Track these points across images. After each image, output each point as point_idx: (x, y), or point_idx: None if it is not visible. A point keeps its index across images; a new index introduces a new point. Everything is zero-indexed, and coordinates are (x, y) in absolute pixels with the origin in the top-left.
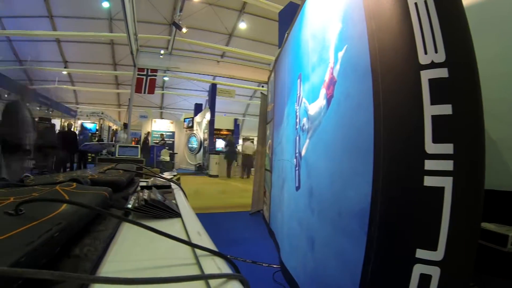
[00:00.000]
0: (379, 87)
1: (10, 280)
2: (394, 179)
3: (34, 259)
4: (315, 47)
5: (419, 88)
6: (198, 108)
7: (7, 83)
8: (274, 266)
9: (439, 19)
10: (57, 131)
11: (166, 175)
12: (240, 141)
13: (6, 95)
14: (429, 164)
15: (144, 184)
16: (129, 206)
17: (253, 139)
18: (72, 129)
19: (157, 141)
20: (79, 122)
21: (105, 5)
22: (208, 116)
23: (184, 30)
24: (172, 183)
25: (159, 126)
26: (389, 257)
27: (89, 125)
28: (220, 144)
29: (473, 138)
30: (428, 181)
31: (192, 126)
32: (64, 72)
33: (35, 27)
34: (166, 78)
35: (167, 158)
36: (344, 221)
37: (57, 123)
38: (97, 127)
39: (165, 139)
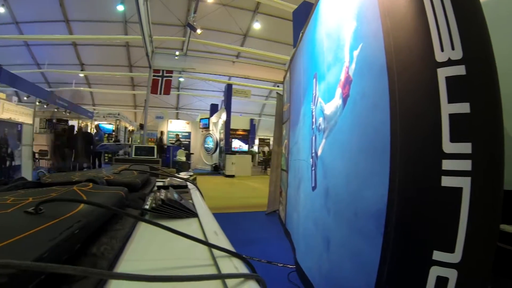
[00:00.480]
0: (395, 86)
1: (34, 274)
2: (411, 179)
3: (56, 255)
4: (330, 46)
5: (436, 87)
6: (213, 109)
7: (26, 86)
8: (289, 266)
9: (455, 15)
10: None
11: (182, 175)
12: (256, 141)
13: (25, 98)
14: (446, 164)
15: (160, 184)
16: (146, 206)
17: (269, 139)
18: (88, 130)
19: (173, 142)
20: (96, 123)
21: (120, 8)
22: (224, 116)
23: (198, 31)
24: (188, 183)
25: (175, 126)
26: (405, 259)
27: (107, 126)
28: (237, 144)
29: (492, 137)
30: (446, 181)
31: (208, 127)
32: (81, 75)
33: (52, 32)
34: (181, 79)
35: (183, 159)
36: (360, 221)
37: (75, 124)
38: (114, 128)
39: (181, 140)
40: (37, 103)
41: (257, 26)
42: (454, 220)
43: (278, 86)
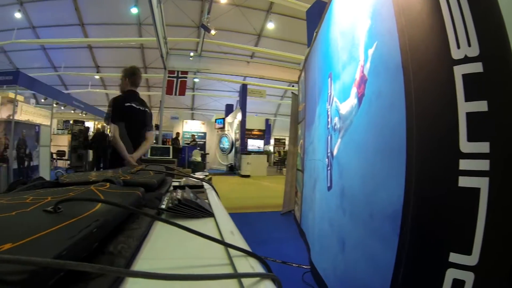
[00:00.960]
0: (411, 85)
1: (53, 271)
2: (428, 180)
3: (74, 253)
4: (345, 45)
5: (452, 85)
6: (229, 109)
7: (43, 89)
8: (304, 266)
9: (471, 11)
10: (90, 134)
11: (198, 175)
12: (272, 141)
13: (43, 100)
14: (464, 164)
15: (176, 184)
16: (163, 206)
17: (284, 139)
18: (104, 131)
19: (189, 142)
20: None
21: (134, 11)
22: (239, 116)
23: (212, 32)
24: (204, 183)
25: (190, 127)
26: (421, 261)
27: None
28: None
29: (511, 136)
30: (463, 181)
31: (223, 127)
32: (97, 77)
33: (68, 35)
34: (196, 80)
35: (199, 159)
36: (376, 222)
37: (91, 125)
38: None
39: (196, 140)
40: (54, 105)
41: (270, 26)
42: (471, 222)
43: (293, 86)
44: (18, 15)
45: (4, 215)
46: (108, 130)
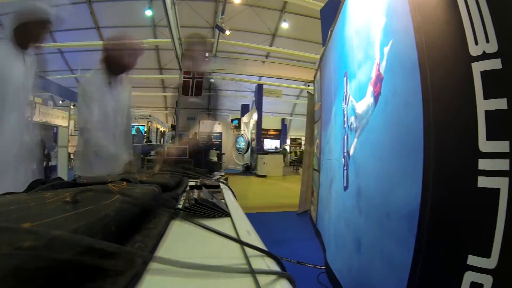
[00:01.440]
0: (428, 83)
1: (74, 264)
2: (445, 179)
3: (92, 235)
4: (360, 44)
5: (470, 82)
6: (244, 109)
7: (61, 91)
8: (319, 267)
9: (488, 5)
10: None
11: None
12: (288, 141)
13: (60, 102)
14: (483, 164)
15: (192, 184)
16: (179, 206)
17: (300, 139)
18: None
19: (204, 142)
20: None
21: (148, 13)
22: (255, 116)
23: (227, 32)
24: (220, 183)
25: (207, 127)
26: (439, 263)
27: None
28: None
29: None
30: (482, 181)
31: (239, 127)
32: None
33: (84, 38)
34: (212, 80)
35: (215, 159)
36: (392, 223)
37: None
38: (146, 129)
39: (213, 140)
40: (72, 107)
41: (285, 25)
42: (490, 223)
43: (308, 85)
44: None
45: (23, 205)
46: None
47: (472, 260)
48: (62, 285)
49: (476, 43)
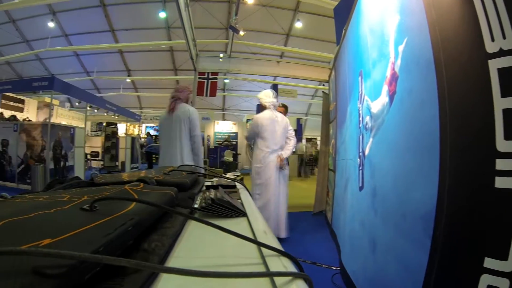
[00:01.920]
0: (444, 81)
1: (90, 266)
2: (462, 180)
3: (110, 250)
4: (374, 42)
5: (487, 80)
6: (260, 109)
7: (77, 93)
8: (334, 268)
9: (504, 1)
10: (121, 135)
11: (230, 175)
12: (304, 141)
13: (77, 104)
14: (500, 164)
15: (209, 184)
16: (196, 205)
17: (316, 139)
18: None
19: (220, 142)
20: (144, 125)
21: (162, 15)
22: None
23: (241, 33)
24: (236, 183)
25: (222, 127)
26: (455, 265)
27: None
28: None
29: None
30: (500, 182)
31: None
32: (128, 80)
33: (99, 41)
34: (227, 81)
35: (230, 159)
36: (408, 223)
37: (123, 127)
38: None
39: (229, 140)
40: (88, 108)
41: (299, 25)
42: (508, 225)
43: (323, 85)
44: (51, 24)
45: (43, 212)
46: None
47: (489, 262)
48: (79, 284)
49: (493, 40)
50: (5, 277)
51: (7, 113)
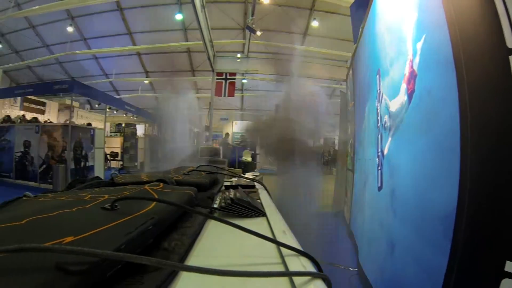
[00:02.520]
0: (464, 78)
1: (112, 263)
2: (483, 181)
3: (131, 248)
4: (392, 40)
5: (508, 76)
6: (278, 109)
7: (97, 95)
8: (351, 269)
9: None
10: (140, 136)
11: (249, 175)
12: (322, 141)
13: (96, 105)
14: None
15: (228, 184)
16: (215, 205)
17: (334, 139)
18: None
19: (238, 142)
20: None
21: (178, 17)
22: None
23: (258, 33)
24: (256, 183)
25: (240, 127)
26: (475, 269)
27: None
28: None
29: None
30: None
31: None
32: (146, 82)
33: (117, 44)
34: (244, 81)
35: (249, 159)
36: (427, 225)
37: (142, 128)
38: None
39: (245, 140)
40: (107, 110)
41: (315, 24)
42: None
43: (341, 84)
44: (70, 29)
45: (65, 211)
46: None
47: (510, 266)
48: (101, 281)
49: None
50: (29, 272)
51: (29, 116)
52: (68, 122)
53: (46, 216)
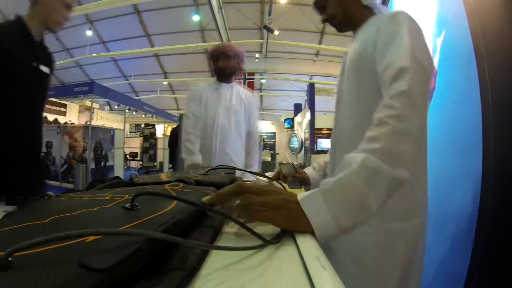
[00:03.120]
0: (486, 73)
1: (136, 260)
2: (507, 181)
3: (153, 246)
4: None
5: None
6: (297, 108)
7: (116, 96)
8: None
9: None
10: (159, 136)
11: (268, 175)
12: None
13: (116, 106)
14: None
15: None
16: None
17: None
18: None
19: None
20: None
21: (195, 18)
22: (308, 116)
23: (276, 32)
24: (275, 182)
25: (260, 127)
26: (497, 275)
27: None
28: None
29: None
30: None
31: (292, 127)
32: (165, 83)
33: (135, 46)
34: (263, 81)
35: (268, 159)
36: (448, 227)
37: (161, 128)
38: None
39: (265, 140)
40: (127, 111)
41: None
42: None
43: None
44: (89, 32)
45: (87, 210)
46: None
47: None
48: (122, 279)
49: None
50: (54, 269)
51: (51, 117)
52: (88, 123)
53: (68, 215)
